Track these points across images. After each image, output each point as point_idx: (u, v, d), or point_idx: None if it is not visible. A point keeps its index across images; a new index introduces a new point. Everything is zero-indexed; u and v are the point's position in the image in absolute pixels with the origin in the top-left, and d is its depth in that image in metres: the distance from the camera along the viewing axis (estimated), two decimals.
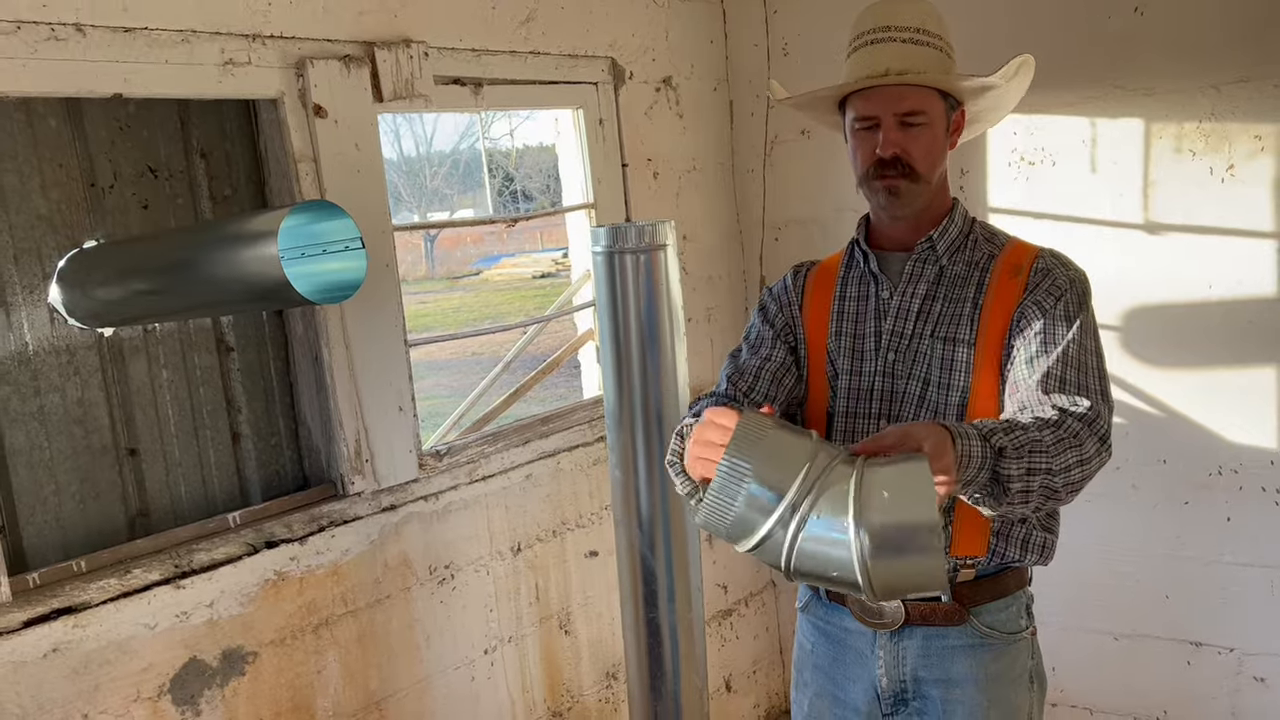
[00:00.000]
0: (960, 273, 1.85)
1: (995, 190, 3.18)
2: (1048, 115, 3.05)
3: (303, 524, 2.47)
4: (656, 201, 3.39)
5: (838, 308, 1.96)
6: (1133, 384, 3.05)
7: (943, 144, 1.84)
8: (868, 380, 1.89)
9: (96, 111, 2.31)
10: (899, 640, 1.87)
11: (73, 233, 2.28)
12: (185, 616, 2.24)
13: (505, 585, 2.93)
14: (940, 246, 1.86)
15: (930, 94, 1.80)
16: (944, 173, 1.88)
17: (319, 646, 2.49)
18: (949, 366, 1.81)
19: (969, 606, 1.82)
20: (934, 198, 1.86)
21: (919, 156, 1.79)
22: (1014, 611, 1.85)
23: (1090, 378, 1.71)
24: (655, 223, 2.64)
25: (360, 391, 2.55)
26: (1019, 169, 3.13)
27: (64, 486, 2.28)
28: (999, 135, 3.14)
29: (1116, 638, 3.18)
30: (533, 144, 23.69)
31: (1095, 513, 3.17)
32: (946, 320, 1.83)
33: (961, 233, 1.88)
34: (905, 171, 1.79)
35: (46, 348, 2.25)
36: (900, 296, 1.88)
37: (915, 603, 1.83)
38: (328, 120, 2.46)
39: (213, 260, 1.99)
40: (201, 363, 2.51)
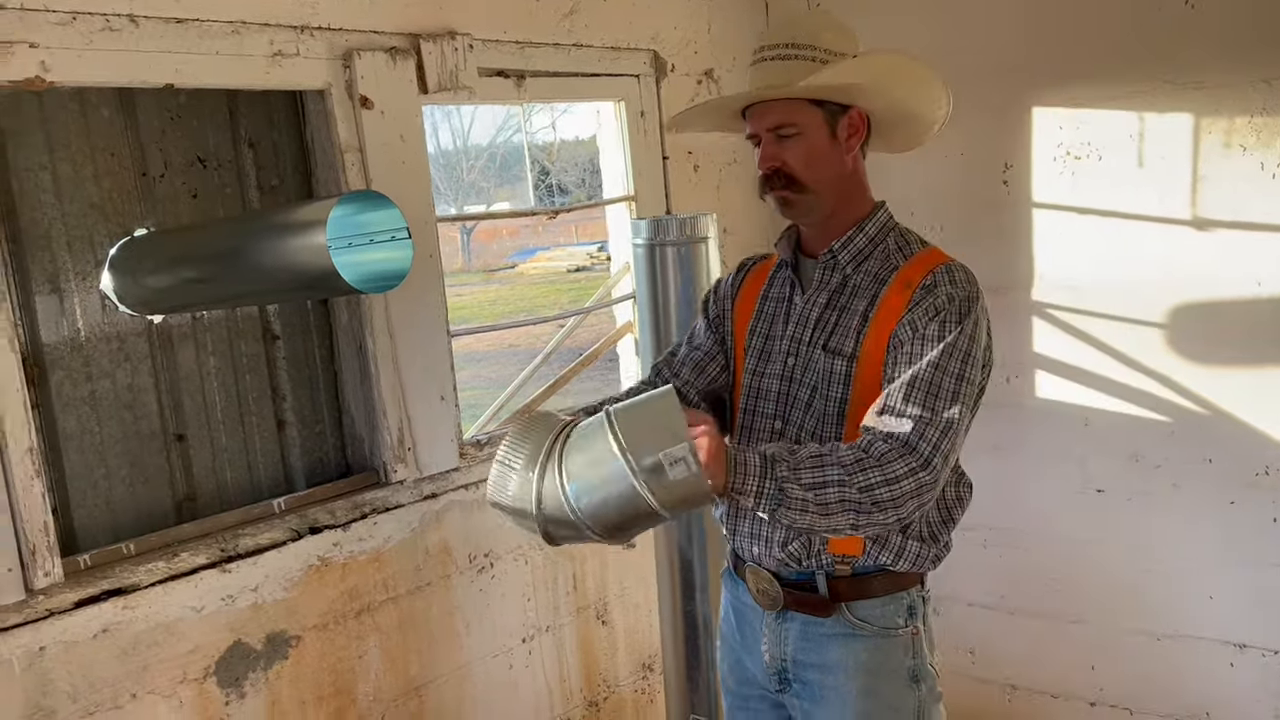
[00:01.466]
0: (861, 284, 1.86)
1: (1040, 185, 3.15)
2: (1094, 109, 3.02)
3: (346, 511, 2.50)
4: (697, 194, 3.39)
5: (759, 307, 2.01)
6: (1177, 382, 3.01)
7: (826, 151, 1.82)
8: (767, 381, 1.93)
9: (148, 101, 2.34)
10: (782, 622, 1.93)
11: (124, 221, 2.32)
12: (231, 600, 2.28)
13: (543, 574, 2.95)
14: (842, 257, 1.87)
15: (799, 104, 1.80)
16: (852, 178, 1.87)
17: (360, 632, 2.52)
18: (828, 377, 1.84)
19: (844, 600, 1.87)
20: (840, 205, 1.86)
21: (797, 167, 1.81)
22: (891, 610, 1.86)
23: (937, 399, 1.70)
24: (697, 215, 2.65)
25: (403, 380, 2.57)
26: (1064, 164, 3.10)
27: (114, 470, 2.32)
28: (1044, 129, 3.12)
29: (1158, 638, 3.15)
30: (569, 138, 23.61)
31: (1136, 511, 3.15)
32: (837, 331, 1.85)
33: (871, 242, 1.87)
34: (788, 183, 1.82)
35: (98, 334, 2.29)
36: (804, 303, 1.91)
37: (791, 590, 1.90)
38: (374, 111, 2.48)
39: (261, 249, 2.02)
40: (248, 350, 2.55)
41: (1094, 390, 3.16)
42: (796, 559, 1.87)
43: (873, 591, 1.87)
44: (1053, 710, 3.38)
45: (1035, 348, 3.24)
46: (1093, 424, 3.17)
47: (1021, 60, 3.12)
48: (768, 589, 1.93)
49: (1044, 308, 3.21)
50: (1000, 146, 3.20)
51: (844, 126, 1.83)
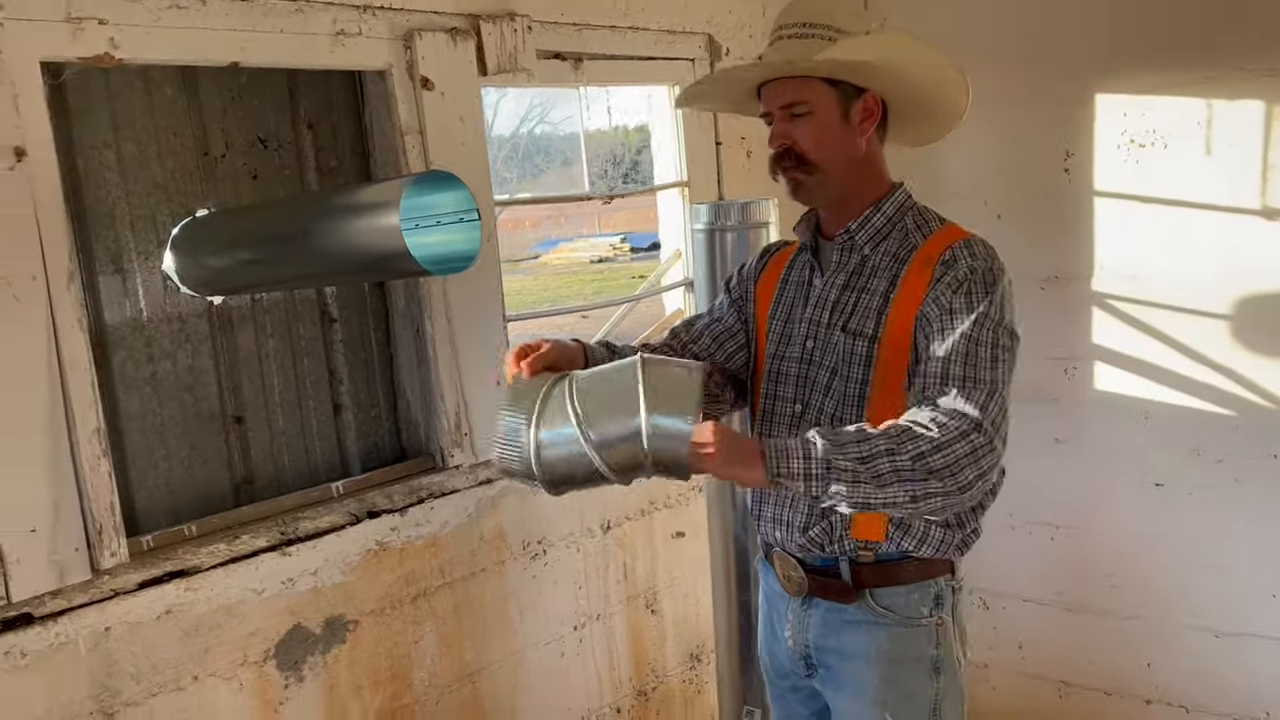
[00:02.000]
0: (880, 264, 1.83)
1: (1102, 173, 3.10)
2: (1160, 96, 2.96)
3: (403, 495, 2.49)
4: (749, 180, 3.35)
5: (779, 290, 1.99)
6: (1242, 375, 2.96)
7: (837, 131, 1.79)
8: (788, 365, 1.91)
9: (210, 81, 2.32)
10: (806, 608, 1.92)
11: (186, 201, 2.31)
12: (291, 583, 2.26)
13: (595, 562, 2.93)
14: (860, 237, 1.84)
15: (812, 83, 1.77)
16: (865, 161, 1.83)
17: (417, 617, 2.50)
18: (849, 359, 1.81)
19: (867, 587, 1.84)
20: (853, 185, 1.83)
21: (807, 146, 1.78)
22: (915, 599, 1.84)
23: (976, 367, 1.65)
24: (758, 200, 2.61)
25: (460, 365, 2.55)
26: (1128, 151, 3.04)
27: (174, 452, 2.31)
28: (1107, 117, 3.06)
29: (1217, 636, 3.10)
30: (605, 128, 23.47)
31: (1196, 506, 3.09)
32: (857, 313, 1.82)
33: (889, 221, 1.84)
34: (798, 162, 1.80)
35: (159, 315, 2.28)
36: (823, 285, 1.89)
37: (816, 576, 1.88)
38: (434, 93, 2.46)
39: (327, 230, 2.00)
40: (306, 333, 2.53)
41: (1155, 383, 3.10)
42: (819, 544, 1.85)
43: (898, 579, 1.84)
44: (1106, 708, 3.33)
45: (1095, 339, 3.18)
46: (1153, 417, 3.12)
47: (1085, 46, 3.06)
48: (793, 575, 1.92)
49: (1104, 298, 3.15)
50: (1062, 134, 3.14)
51: (858, 109, 1.79)
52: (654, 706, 3.13)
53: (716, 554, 2.81)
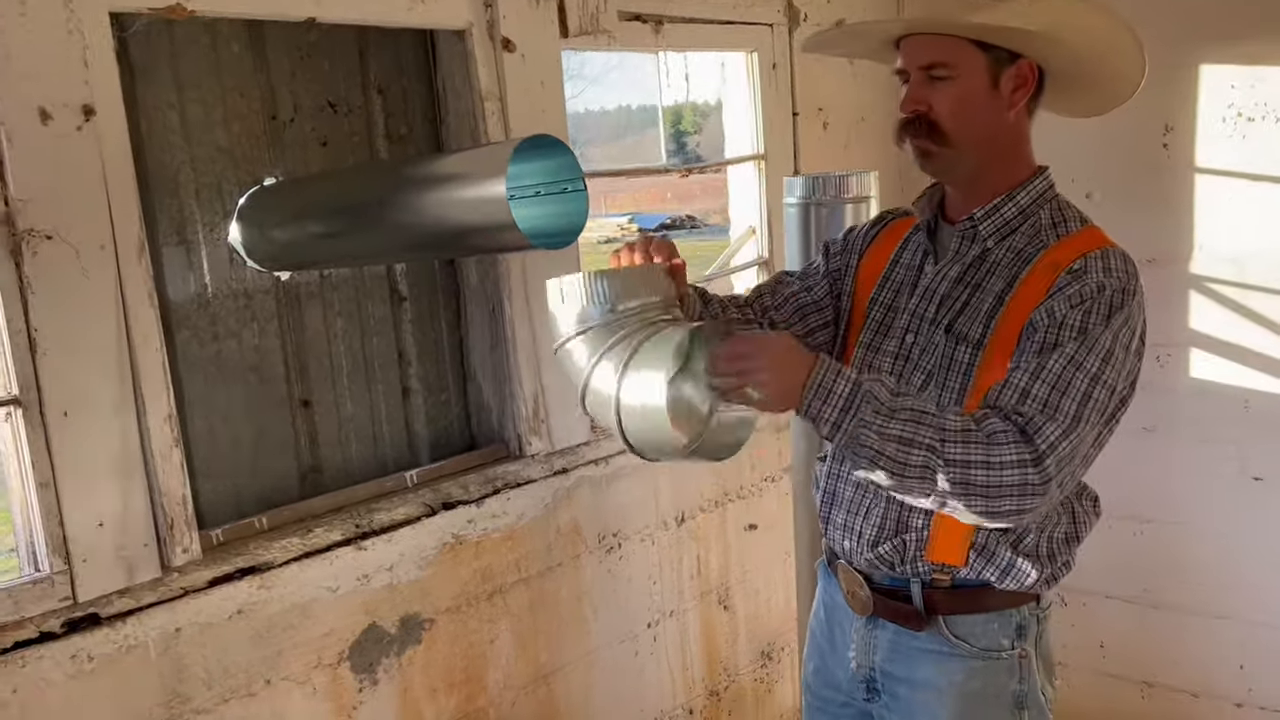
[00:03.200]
0: (1002, 261, 1.61)
1: (1204, 149, 2.93)
2: (1273, 67, 2.79)
3: (478, 485, 2.33)
4: (824, 153, 3.18)
5: (888, 271, 1.79)
6: None
7: (983, 101, 1.57)
8: (880, 359, 1.72)
9: (278, 38, 2.16)
10: (872, 629, 1.75)
11: (253, 168, 2.14)
12: (366, 580, 2.11)
13: (668, 556, 2.78)
14: (984, 227, 1.63)
15: (960, 44, 1.56)
16: (1008, 138, 1.62)
17: (493, 615, 2.35)
18: (947, 364, 1.62)
19: (940, 614, 1.67)
20: (989, 167, 1.61)
21: (944, 114, 1.56)
22: (994, 629, 1.66)
23: (1066, 399, 1.44)
24: (857, 173, 2.45)
25: (538, 347, 2.39)
26: (1234, 125, 2.87)
27: (240, 438, 2.16)
28: (1212, 88, 2.89)
29: None
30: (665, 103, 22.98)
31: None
32: (965, 313, 1.62)
33: (1021, 213, 1.62)
34: (931, 131, 1.58)
35: (225, 291, 2.12)
36: (934, 276, 1.68)
37: (883, 597, 1.71)
38: (515, 55, 2.29)
39: (411, 202, 1.83)
40: (375, 312, 2.37)
41: (1256, 370, 2.94)
42: (889, 562, 1.67)
43: (976, 607, 1.66)
44: (1192, 710, 3.19)
45: (1191, 324, 3.02)
46: (1253, 406, 2.96)
47: (1189, 13, 2.89)
48: (858, 592, 1.74)
49: (1203, 281, 2.99)
50: (1161, 106, 2.97)
51: (1009, 77, 1.57)
52: (726, 706, 2.98)
53: (802, 549, 2.66)
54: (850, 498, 1.74)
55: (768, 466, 3.03)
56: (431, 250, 2.13)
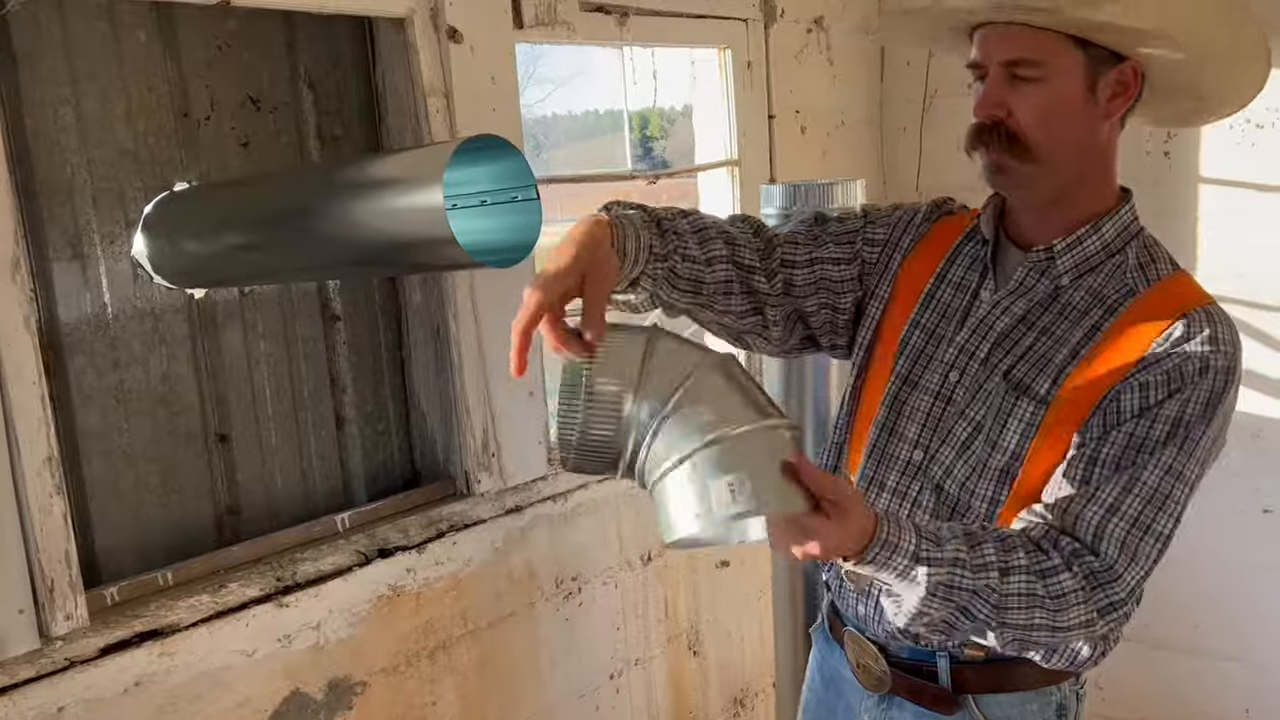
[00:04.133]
0: (1078, 304, 1.37)
1: (1210, 157, 2.74)
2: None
3: (419, 528, 2.08)
4: (801, 160, 2.96)
5: (931, 290, 1.49)
6: None
7: (1075, 110, 1.31)
8: (918, 396, 1.46)
9: (191, 25, 1.90)
10: (887, 710, 1.51)
11: (161, 172, 1.88)
12: (288, 641, 1.86)
13: (633, 599, 2.54)
14: (1063, 262, 1.37)
15: (1055, 39, 1.29)
16: (1100, 154, 1.37)
17: (434, 674, 2.10)
18: (1004, 420, 1.37)
19: (971, 693, 1.44)
20: (1072, 188, 1.36)
21: (1029, 122, 1.30)
22: (1033, 710, 1.44)
23: (1148, 539, 1.26)
24: (843, 181, 2.22)
25: (489, 372, 2.14)
26: (1243, 132, 2.68)
27: (143, 479, 1.89)
28: None
29: None
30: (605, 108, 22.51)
31: None
32: (1028, 358, 1.37)
33: (1105, 248, 1.37)
34: (1010, 143, 1.31)
35: (128, 311, 1.86)
36: (991, 307, 1.42)
37: (902, 673, 1.48)
38: (463, 47, 2.05)
39: (342, 211, 1.57)
40: (304, 333, 2.11)
41: (1266, 396, 2.75)
42: (913, 634, 1.41)
43: (1012, 684, 1.43)
44: None
45: None
46: (1263, 435, 2.76)
47: None
48: (871, 666, 1.50)
49: None
50: None
51: (1108, 83, 1.31)
52: None
53: (782, 586, 2.43)
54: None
55: None
56: (365, 267, 1.87)
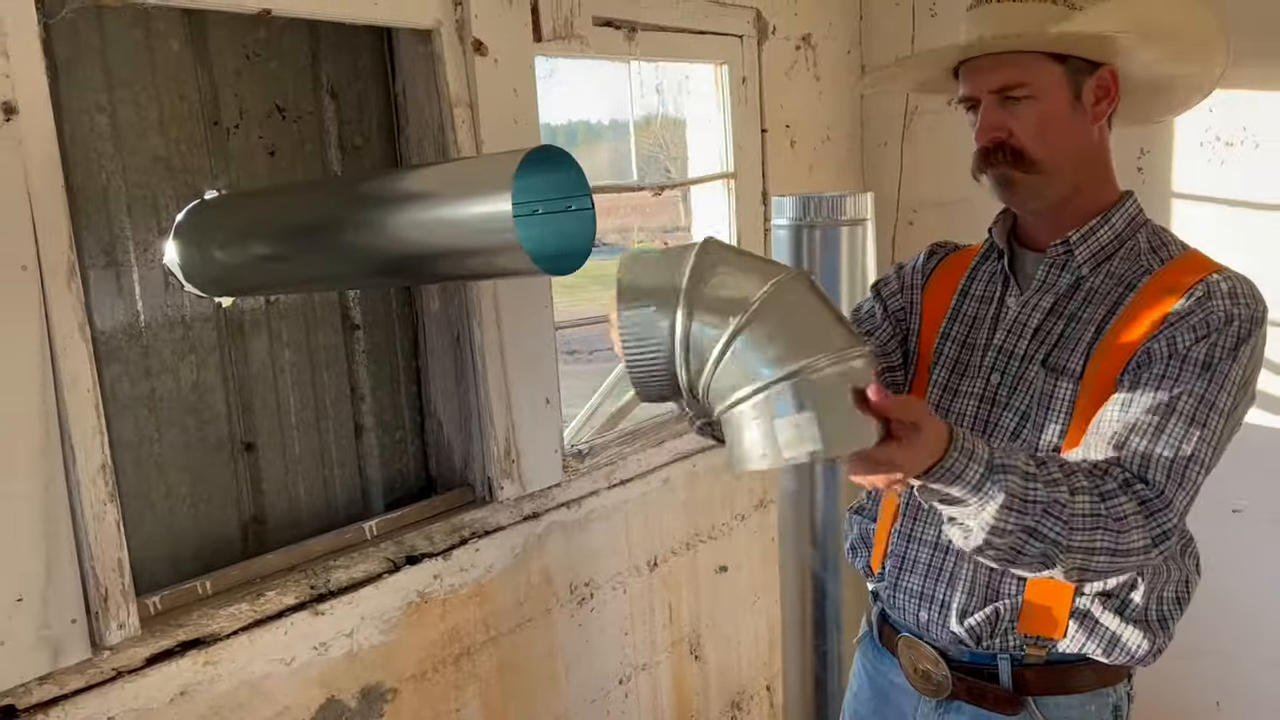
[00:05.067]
0: (1101, 288, 1.46)
1: (1182, 173, 2.86)
2: (1252, 91, 2.73)
3: (443, 535, 2.10)
4: (791, 173, 3.03)
5: (956, 305, 1.61)
6: None
7: (1066, 119, 1.43)
8: (961, 402, 1.54)
9: (222, 35, 1.90)
10: (945, 714, 1.56)
11: (192, 179, 1.88)
12: (324, 648, 1.86)
13: (641, 605, 2.57)
14: (1080, 252, 1.47)
15: (1035, 59, 1.42)
16: (1096, 155, 1.48)
17: (459, 680, 2.11)
18: (1047, 402, 1.45)
19: (1033, 694, 1.49)
20: (1078, 189, 1.47)
21: (1028, 138, 1.42)
22: (1091, 710, 1.50)
23: (1199, 442, 1.32)
24: (852, 194, 2.29)
25: (509, 380, 2.16)
26: (1213, 150, 2.81)
27: (174, 488, 1.88)
28: (1190, 113, 2.81)
29: None
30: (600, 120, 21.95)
31: (1278, 533, 2.87)
32: (1062, 344, 1.46)
33: (1117, 237, 1.48)
34: (1015, 158, 1.43)
35: (160, 319, 1.85)
36: (1021, 307, 1.52)
37: (963, 676, 1.53)
38: (487, 59, 2.08)
39: (396, 221, 1.60)
40: (325, 342, 2.12)
41: None
42: (976, 636, 1.48)
43: (1072, 685, 1.49)
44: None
45: None
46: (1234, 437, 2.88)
47: None
48: (931, 671, 1.54)
49: None
50: (1136, 130, 2.86)
51: (1091, 89, 1.43)
52: None
53: (790, 595, 2.48)
54: (929, 561, 1.54)
55: (738, 503, 2.85)
56: (403, 276, 1.89)
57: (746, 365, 1.15)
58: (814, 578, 2.41)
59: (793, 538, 2.42)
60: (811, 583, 2.41)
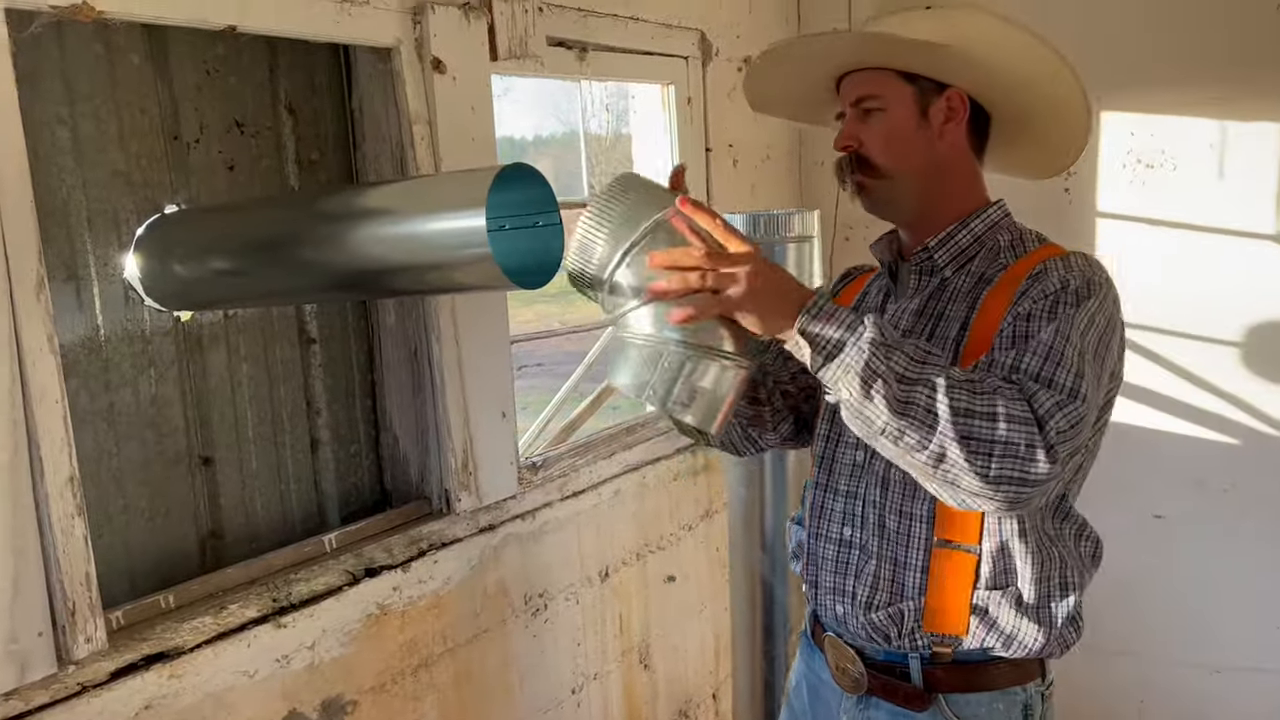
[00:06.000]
0: (963, 286, 1.56)
1: (1106, 194, 2.99)
2: (1170, 115, 2.88)
3: (402, 547, 2.11)
4: (735, 191, 3.10)
5: None
6: (1251, 404, 2.89)
7: (911, 132, 1.55)
8: None
9: (182, 50, 1.91)
10: (865, 710, 1.63)
11: (152, 193, 1.88)
12: (286, 661, 1.86)
13: (593, 615, 2.60)
14: (940, 256, 1.57)
15: (888, 77, 1.56)
16: (949, 168, 1.58)
17: (418, 691, 2.13)
18: None
19: (942, 692, 1.56)
20: (934, 197, 1.57)
21: (874, 148, 1.55)
22: (1000, 709, 1.55)
23: (1060, 370, 1.34)
24: (799, 211, 2.37)
25: (467, 394, 2.19)
26: (1134, 172, 2.95)
27: (132, 502, 1.88)
28: (1112, 135, 2.96)
29: (1216, 671, 3.03)
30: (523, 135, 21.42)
31: (1197, 538, 3.02)
32: (933, 342, 1.54)
33: (977, 240, 1.57)
34: (863, 165, 1.56)
35: (119, 333, 1.85)
36: (895, 311, 1.62)
37: (878, 673, 1.60)
38: (446, 77, 2.11)
39: (364, 236, 1.62)
40: (283, 356, 2.13)
41: (1158, 411, 3.01)
42: (884, 633, 1.56)
43: (981, 684, 1.55)
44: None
45: None
46: (1155, 446, 3.02)
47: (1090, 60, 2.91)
48: (849, 668, 1.62)
49: None
50: None
51: (939, 109, 1.55)
52: None
53: (740, 601, 2.53)
54: (835, 556, 1.63)
55: (685, 514, 2.90)
56: (368, 290, 1.91)
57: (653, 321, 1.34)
58: (763, 583, 2.47)
59: (743, 544, 2.49)
60: (761, 588, 2.48)
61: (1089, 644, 3.14)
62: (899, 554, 1.54)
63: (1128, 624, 3.14)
